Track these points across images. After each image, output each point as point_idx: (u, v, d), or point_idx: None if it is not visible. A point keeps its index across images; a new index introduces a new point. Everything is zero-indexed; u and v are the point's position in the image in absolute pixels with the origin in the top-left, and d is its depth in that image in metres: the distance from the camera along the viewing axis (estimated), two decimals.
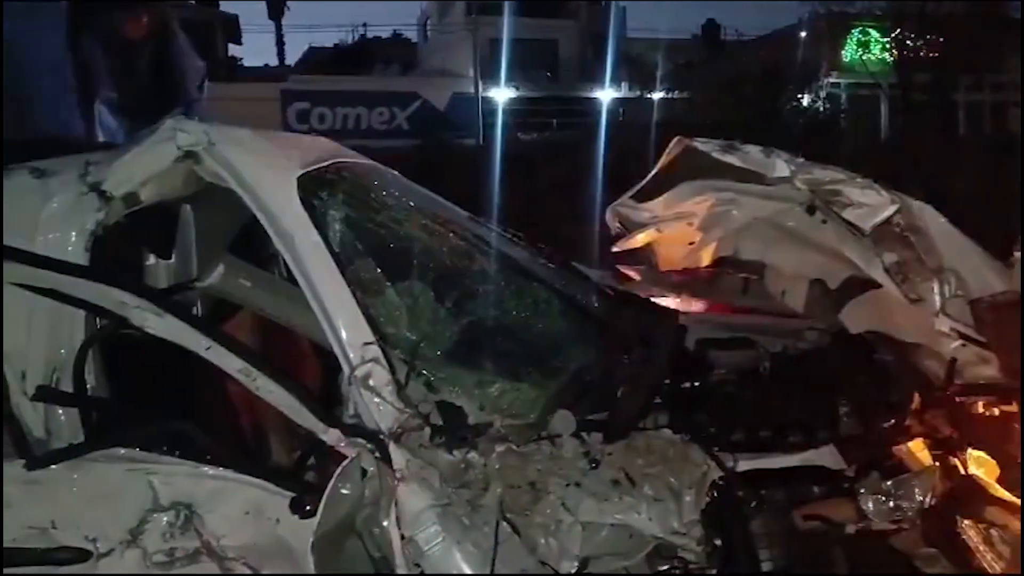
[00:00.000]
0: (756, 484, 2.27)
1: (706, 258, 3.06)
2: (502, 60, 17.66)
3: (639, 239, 2.98)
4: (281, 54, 18.99)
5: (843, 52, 19.60)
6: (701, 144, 2.73)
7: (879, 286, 2.58)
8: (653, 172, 2.91)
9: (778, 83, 17.67)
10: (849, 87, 19.65)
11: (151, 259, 2.83)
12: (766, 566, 2.18)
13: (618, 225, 3.05)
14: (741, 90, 17.02)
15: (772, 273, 2.99)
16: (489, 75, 17.96)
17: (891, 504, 2.23)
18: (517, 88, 18.26)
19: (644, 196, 2.96)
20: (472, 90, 17.79)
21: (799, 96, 17.95)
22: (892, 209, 2.58)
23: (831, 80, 19.29)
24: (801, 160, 2.65)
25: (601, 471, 2.23)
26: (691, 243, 3.01)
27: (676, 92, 18.58)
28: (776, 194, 2.69)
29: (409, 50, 20.09)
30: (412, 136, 16.26)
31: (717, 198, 2.81)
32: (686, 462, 2.29)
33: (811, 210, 2.63)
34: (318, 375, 2.88)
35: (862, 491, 2.23)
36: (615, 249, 3.08)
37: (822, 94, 18.36)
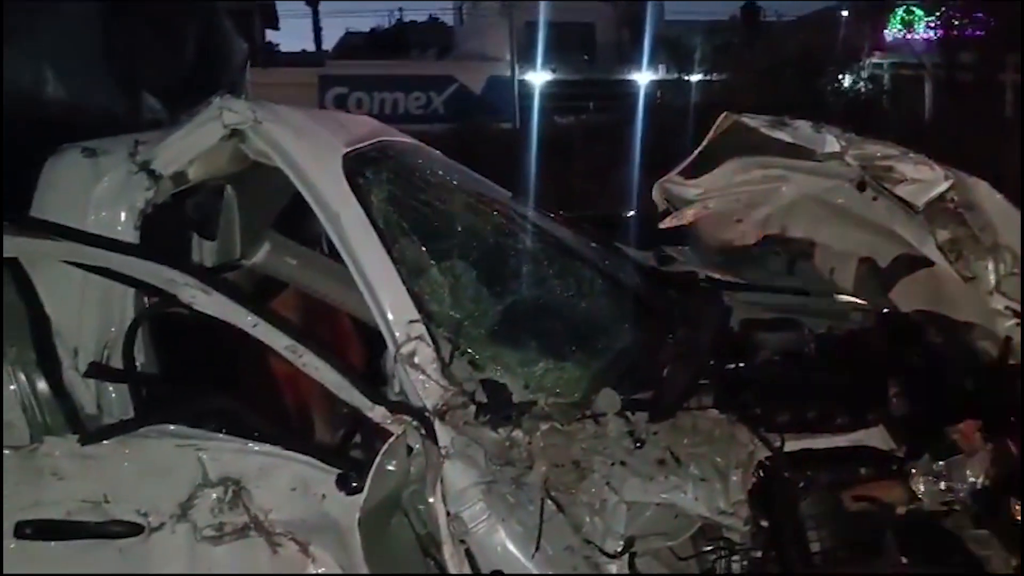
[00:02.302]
0: (804, 465, 2.25)
1: (753, 236, 3.02)
2: (538, 43, 17.53)
3: (686, 216, 2.94)
4: (318, 39, 19.01)
5: (886, 32, 19.21)
6: (750, 120, 2.68)
7: (931, 264, 2.53)
8: (700, 148, 2.87)
9: (819, 64, 17.36)
10: (892, 67, 19.27)
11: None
12: (814, 548, 2.16)
13: (664, 202, 3.01)
14: (781, 72, 16.75)
15: (821, 251, 2.94)
16: (525, 58, 17.84)
17: (943, 486, 2.20)
18: (554, 71, 18.13)
19: (692, 173, 2.92)
20: (508, 73, 17.70)
21: (840, 77, 17.62)
22: (946, 185, 2.52)
23: (874, 61, 18.92)
24: (852, 135, 2.60)
25: (646, 450, 2.22)
26: (738, 220, 2.97)
27: (714, 74, 18.35)
28: (825, 170, 2.64)
29: (445, 34, 20.03)
30: (448, 120, 16.22)
31: (765, 174, 2.77)
32: (732, 442, 2.28)
33: (861, 186, 2.58)
34: (360, 354, 2.90)
35: (913, 472, 2.20)
36: (662, 226, 3.05)
37: (864, 75, 18.01)
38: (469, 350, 2.24)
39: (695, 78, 18.45)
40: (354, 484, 2.00)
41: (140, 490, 2.07)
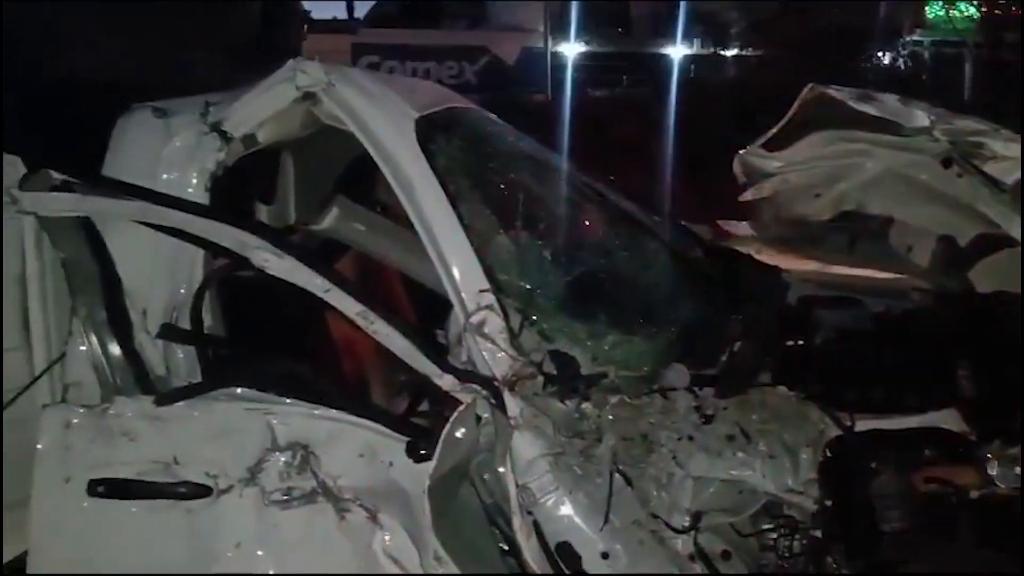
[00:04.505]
0: (875, 445, 2.21)
1: (830, 210, 2.97)
2: (572, 15, 17.31)
3: (766, 188, 2.89)
4: (350, 7, 18.85)
5: (927, 8, 18.83)
6: (835, 92, 2.63)
7: (1013, 244, 2.47)
8: (784, 121, 2.82)
9: (858, 40, 17.06)
10: (933, 45, 18.90)
11: None
12: (884, 529, 2.13)
13: (744, 174, 2.96)
14: (819, 47, 16.47)
15: (898, 228, 2.89)
16: (559, 30, 17.65)
17: (1017, 471, 2.16)
18: (587, 43, 17.92)
19: (774, 145, 2.87)
20: (542, 45, 17.51)
21: (879, 54, 17.31)
22: None
23: (914, 38, 18.56)
24: (941, 110, 2.54)
25: (714, 426, 2.20)
26: (817, 195, 2.91)
27: (750, 49, 18.07)
28: (911, 145, 2.58)
29: (478, 3, 19.83)
30: (481, 91, 16.05)
31: (849, 148, 2.71)
32: (802, 420, 2.26)
33: (947, 163, 2.52)
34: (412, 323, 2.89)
35: (987, 456, 2.16)
36: (741, 199, 3.00)
37: (904, 52, 17.68)
38: (538, 321, 2.21)
39: (730, 53, 18.17)
40: (422, 452, 1.99)
41: (209, 452, 2.08)
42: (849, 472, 2.15)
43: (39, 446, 2.07)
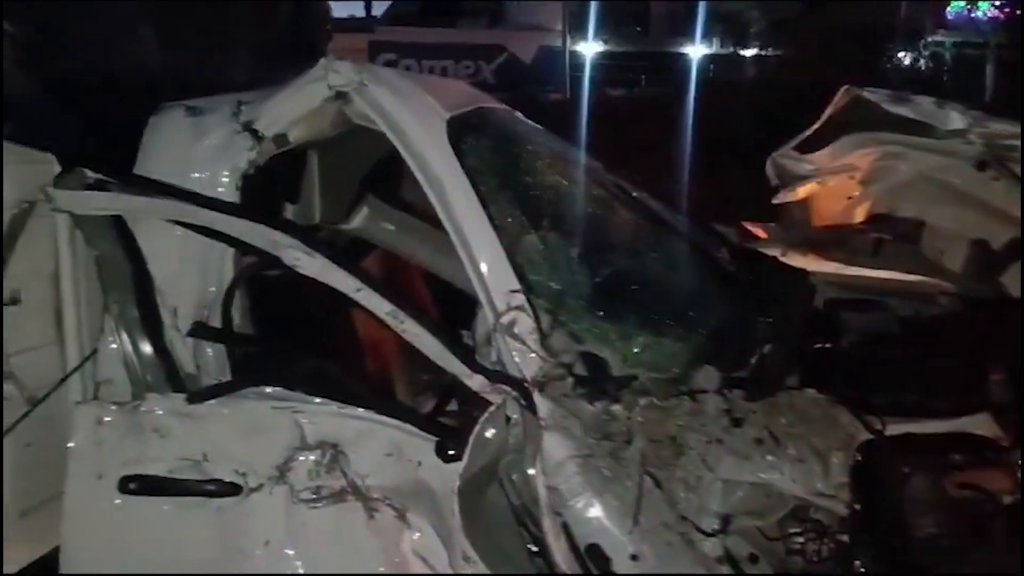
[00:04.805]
0: (906, 449, 2.20)
1: (862, 214, 2.95)
2: (591, 14, 17.27)
3: (798, 192, 2.88)
4: (368, 5, 18.90)
5: (949, 9, 18.69)
6: (870, 94, 2.61)
7: None
8: (818, 123, 2.80)
9: (878, 40, 16.95)
10: (954, 46, 18.76)
11: None
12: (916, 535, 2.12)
13: (776, 176, 2.95)
14: (838, 47, 16.37)
15: (931, 232, 2.87)
16: (577, 29, 17.61)
17: None
18: (606, 42, 17.89)
19: (807, 147, 2.85)
20: (559, 44, 17.48)
21: (900, 54, 17.20)
22: None
23: (935, 39, 18.43)
24: (978, 112, 2.52)
25: (744, 429, 2.19)
26: (849, 197, 2.89)
27: (769, 49, 17.99)
28: (945, 148, 2.57)
29: (496, 2, 19.80)
30: (498, 89, 15.97)
31: (883, 151, 2.69)
32: (832, 423, 2.24)
33: (982, 166, 2.50)
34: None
35: (1020, 461, 2.14)
36: (774, 201, 2.99)
37: (925, 53, 17.56)
38: (567, 321, 2.20)
39: (750, 52, 18.11)
40: (451, 452, 1.99)
41: (238, 451, 2.08)
42: (881, 477, 2.14)
43: (71, 443, 2.09)
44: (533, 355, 2.08)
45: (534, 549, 2.10)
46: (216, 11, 2.56)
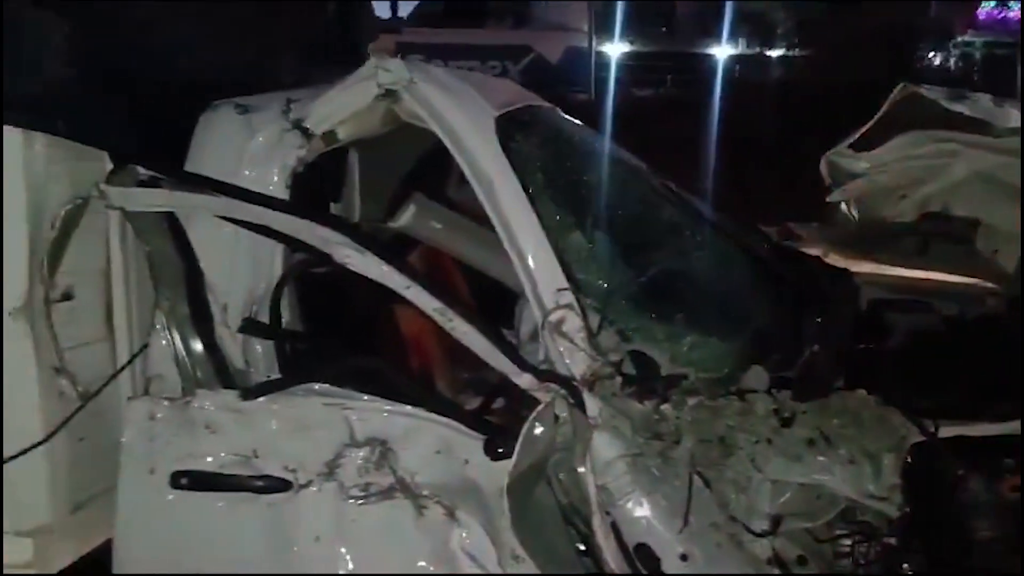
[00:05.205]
0: (959, 452, 2.17)
1: (914, 212, 2.92)
2: (617, 14, 17.22)
3: (852, 189, 2.85)
4: (394, 6, 18.94)
5: (980, 8, 18.49)
6: (927, 91, 2.59)
7: None
8: (873, 120, 2.77)
9: (908, 40, 16.79)
10: (985, 46, 18.55)
11: None
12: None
13: (829, 175, 2.92)
14: (866, 48, 16.23)
15: (985, 231, 2.83)
16: (603, 29, 17.56)
17: None
18: (631, 43, 17.83)
19: (862, 145, 2.82)
20: (586, 44, 17.44)
21: (930, 54, 17.03)
22: None
23: (965, 39, 18.24)
24: None
25: (794, 430, 2.17)
26: (902, 196, 2.87)
27: (796, 50, 17.87)
28: (1002, 146, 2.53)
29: (523, 3, 19.81)
30: (525, 89, 15.98)
31: (938, 149, 2.66)
32: (884, 425, 2.21)
33: None
34: None
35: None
36: (828, 200, 2.96)
37: (955, 52, 17.38)
38: (616, 320, 2.20)
39: (776, 53, 17.99)
40: (500, 450, 1.99)
41: (288, 447, 2.09)
42: (935, 479, 2.11)
43: (124, 438, 2.11)
44: (581, 353, 2.08)
45: (582, 548, 2.10)
46: (265, 11, 2.57)
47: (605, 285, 2.23)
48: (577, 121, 2.79)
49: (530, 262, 2.11)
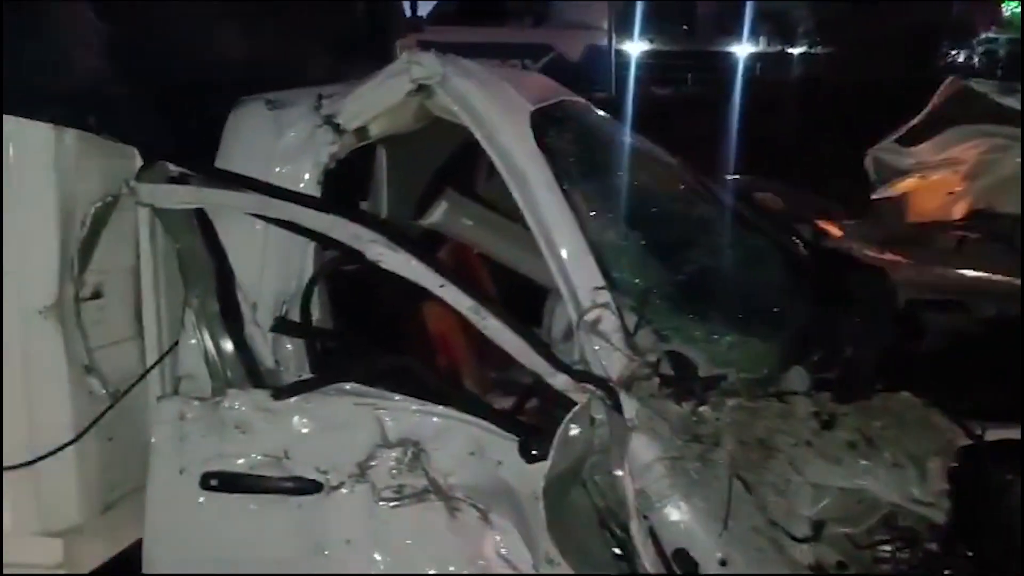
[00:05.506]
0: (1007, 455, 2.11)
1: (961, 210, 2.85)
2: (637, 12, 17.15)
3: (900, 186, 2.78)
4: (414, 5, 18.91)
5: (1003, 5, 18.30)
6: (977, 85, 2.52)
7: None
8: (921, 115, 2.71)
9: (930, 38, 16.63)
10: (1008, 43, 18.35)
11: None
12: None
13: (875, 171, 2.86)
14: (889, 46, 16.09)
15: None
16: (624, 27, 17.49)
17: None
18: (652, 41, 17.77)
19: (910, 141, 2.76)
20: (606, 43, 17.38)
21: (953, 52, 16.87)
22: None
23: (988, 35, 18.05)
24: None
25: (835, 432, 2.12)
26: (951, 192, 2.80)
27: (819, 48, 17.75)
28: None
29: (542, 1, 19.78)
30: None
31: (990, 144, 2.59)
32: (928, 427, 2.16)
33: None
34: None
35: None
36: (874, 197, 2.90)
37: (979, 50, 17.21)
38: (653, 320, 2.15)
39: (797, 51, 17.87)
40: (534, 452, 1.95)
41: (319, 447, 2.06)
42: (982, 483, 2.05)
43: (153, 439, 2.08)
44: (618, 353, 2.04)
45: (618, 552, 2.05)
46: (295, 7, 2.54)
47: (641, 283, 2.18)
48: (609, 116, 2.74)
49: (565, 260, 2.08)
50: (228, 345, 2.19)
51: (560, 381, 2.02)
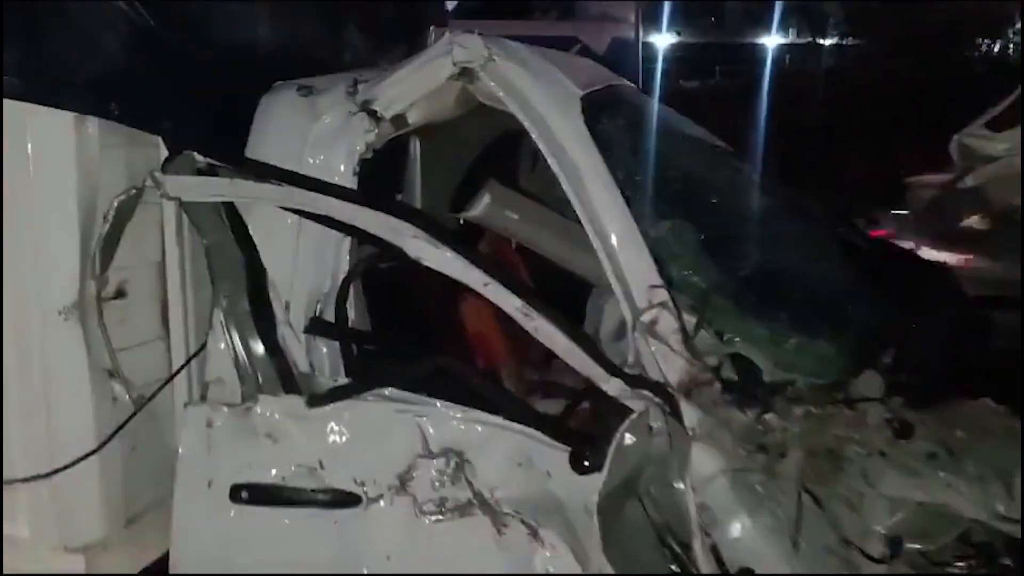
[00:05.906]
0: None
1: None
2: (664, 5, 16.99)
3: (988, 172, 2.61)
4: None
5: None
6: None
7: None
8: (1012, 98, 2.55)
9: (963, 30, 16.36)
10: None
11: None
12: None
13: (961, 158, 2.69)
14: (921, 38, 15.84)
15: None
16: (651, 20, 17.32)
17: None
18: (679, 34, 17.60)
19: (1000, 126, 2.59)
20: (632, 35, 17.21)
21: (987, 43, 16.58)
22: None
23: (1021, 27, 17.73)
24: None
25: (912, 442, 1.96)
26: None
27: (849, 39, 17.51)
28: None
29: None
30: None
31: None
32: (1014, 437, 2.00)
33: None
34: None
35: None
36: (958, 186, 2.74)
37: (1015, 40, 16.90)
38: (713, 321, 2.00)
39: (828, 42, 17.64)
40: (587, 463, 1.80)
41: (356, 457, 1.94)
42: None
43: (180, 448, 1.97)
44: (677, 357, 1.90)
45: (676, 571, 1.91)
46: None
47: (700, 282, 2.03)
48: (658, 101, 2.59)
49: (620, 256, 1.94)
50: (259, 347, 2.06)
51: (614, 387, 1.88)
